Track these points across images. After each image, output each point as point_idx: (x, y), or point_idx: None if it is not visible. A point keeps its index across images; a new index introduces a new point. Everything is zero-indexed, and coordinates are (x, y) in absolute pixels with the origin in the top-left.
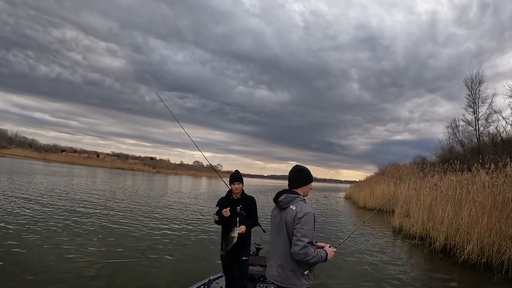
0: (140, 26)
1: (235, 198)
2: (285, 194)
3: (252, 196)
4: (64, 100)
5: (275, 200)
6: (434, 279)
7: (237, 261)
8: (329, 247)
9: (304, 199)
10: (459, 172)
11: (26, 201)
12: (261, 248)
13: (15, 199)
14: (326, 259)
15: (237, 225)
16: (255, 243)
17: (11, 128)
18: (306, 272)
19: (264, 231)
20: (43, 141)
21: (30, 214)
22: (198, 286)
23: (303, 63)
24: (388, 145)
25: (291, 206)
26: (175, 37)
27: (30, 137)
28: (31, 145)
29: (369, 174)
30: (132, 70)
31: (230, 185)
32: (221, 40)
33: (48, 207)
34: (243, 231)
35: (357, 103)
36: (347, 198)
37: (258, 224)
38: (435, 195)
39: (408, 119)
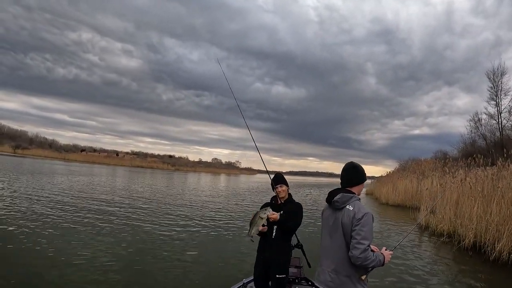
0: (155, 26)
1: (279, 203)
2: (341, 194)
3: (299, 203)
4: (82, 100)
5: (329, 200)
6: (464, 277)
7: (272, 278)
8: (385, 249)
9: (359, 199)
10: (483, 167)
11: (48, 200)
12: (294, 248)
13: (38, 199)
14: (383, 263)
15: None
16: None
17: (31, 129)
18: (363, 277)
19: (298, 246)
20: (62, 141)
21: (54, 213)
22: None
23: (319, 58)
24: (407, 140)
25: (347, 206)
26: (190, 35)
27: (50, 137)
28: (51, 146)
29: (388, 170)
30: (149, 70)
31: (273, 189)
32: (236, 37)
33: (70, 206)
34: (275, 219)
35: (374, 97)
36: (368, 194)
37: (294, 232)
38: (462, 191)
39: (427, 113)
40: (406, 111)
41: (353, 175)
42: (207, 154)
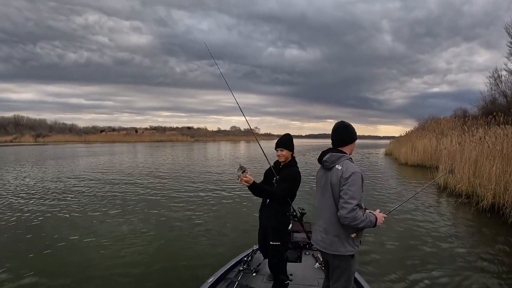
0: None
1: (280, 167)
2: (329, 153)
3: (296, 169)
4: (96, 82)
5: (320, 160)
6: (482, 239)
7: (267, 244)
8: (379, 212)
9: (351, 158)
10: (503, 125)
11: (76, 181)
12: (305, 213)
13: (65, 182)
14: (375, 224)
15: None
16: (298, 207)
17: (49, 116)
18: (353, 235)
19: (295, 216)
20: (82, 124)
21: (81, 194)
22: (242, 257)
23: (331, 18)
24: (426, 98)
25: (336, 166)
26: (197, 6)
27: (69, 122)
28: (71, 130)
29: (408, 129)
30: (159, 45)
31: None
32: (244, 3)
33: (95, 183)
34: (246, 182)
35: (391, 55)
36: (388, 154)
37: (282, 198)
38: (481, 150)
39: (446, 70)
40: (425, 68)
41: (343, 134)
42: (225, 122)
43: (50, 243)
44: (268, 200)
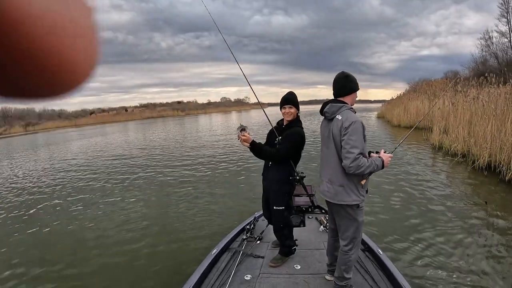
0: None
1: (284, 126)
2: (330, 104)
3: (299, 128)
4: None
5: (321, 111)
6: (480, 197)
7: (271, 210)
8: (384, 152)
9: (352, 108)
10: (495, 85)
11: (73, 166)
12: (305, 176)
13: (61, 167)
14: (383, 166)
15: (247, 132)
16: (296, 172)
17: (36, 105)
18: (363, 182)
19: (295, 179)
20: (70, 109)
21: (74, 177)
22: (244, 226)
23: None
24: (416, 61)
25: (337, 116)
26: None
27: (57, 108)
28: (60, 116)
29: (399, 92)
30: (143, 21)
31: (281, 110)
32: None
33: (90, 167)
34: (245, 141)
35: (379, 19)
36: (380, 117)
37: (281, 159)
38: (475, 109)
39: (435, 33)
40: (413, 31)
41: (345, 83)
42: (215, 94)
43: (48, 227)
44: (270, 163)
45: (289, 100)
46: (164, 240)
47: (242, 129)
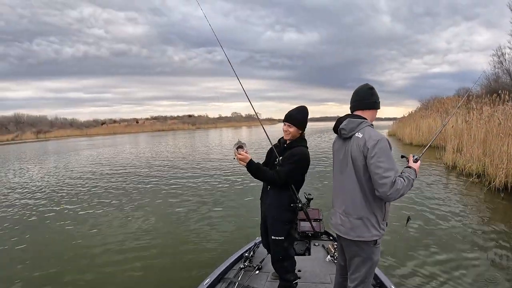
0: None
1: (284, 145)
2: (347, 119)
3: (303, 148)
4: (95, 75)
5: (336, 128)
6: (496, 219)
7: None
8: (413, 157)
9: (372, 125)
10: (509, 103)
11: (79, 174)
12: (312, 198)
13: (71, 175)
14: (416, 176)
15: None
16: (304, 192)
17: (49, 112)
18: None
19: (298, 206)
20: (82, 118)
21: (85, 186)
22: (243, 253)
23: (329, 0)
24: (427, 79)
25: (356, 134)
26: None
27: (69, 117)
28: (71, 124)
29: (410, 110)
30: (156, 34)
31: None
32: None
33: (99, 176)
34: (242, 161)
35: (391, 36)
36: (391, 135)
37: (279, 183)
38: (491, 128)
39: (446, 50)
40: (425, 48)
41: (368, 95)
42: (226, 109)
43: (54, 235)
44: (269, 186)
45: (291, 117)
46: (159, 263)
47: (239, 146)
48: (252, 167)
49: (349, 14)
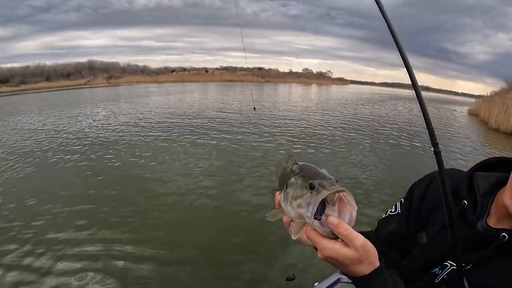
0: None
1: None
2: None
3: None
4: (167, 24)
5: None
6: None
7: None
8: None
9: None
10: None
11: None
12: None
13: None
14: None
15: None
16: None
17: (122, 59)
18: None
19: None
20: (153, 65)
21: (154, 130)
22: None
23: None
24: None
25: None
26: None
27: (141, 64)
28: (143, 71)
29: (491, 88)
30: None
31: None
32: None
33: (166, 123)
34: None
35: (477, 5)
36: (473, 114)
37: None
38: None
39: None
40: None
41: None
42: (297, 64)
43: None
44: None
45: None
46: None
47: (319, 210)
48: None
49: None
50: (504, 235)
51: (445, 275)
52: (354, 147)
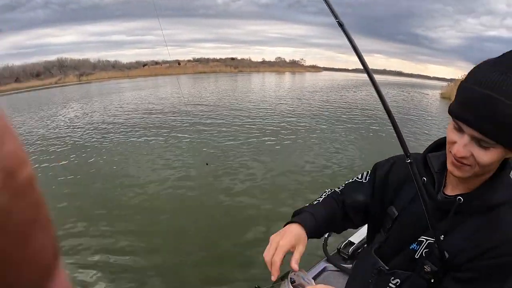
0: None
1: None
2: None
3: None
4: (137, 18)
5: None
6: None
7: None
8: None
9: None
10: None
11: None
12: None
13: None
14: None
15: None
16: None
17: (92, 55)
18: None
19: None
20: (125, 60)
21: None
22: None
23: None
24: (482, 41)
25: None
26: None
27: (112, 59)
28: (114, 66)
29: (461, 72)
30: None
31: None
32: None
33: (136, 119)
34: None
35: None
36: (445, 97)
37: None
38: None
39: (505, 13)
40: (482, 8)
41: None
42: (270, 53)
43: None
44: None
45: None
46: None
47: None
48: None
49: None
50: (459, 198)
51: (424, 250)
52: (323, 135)
